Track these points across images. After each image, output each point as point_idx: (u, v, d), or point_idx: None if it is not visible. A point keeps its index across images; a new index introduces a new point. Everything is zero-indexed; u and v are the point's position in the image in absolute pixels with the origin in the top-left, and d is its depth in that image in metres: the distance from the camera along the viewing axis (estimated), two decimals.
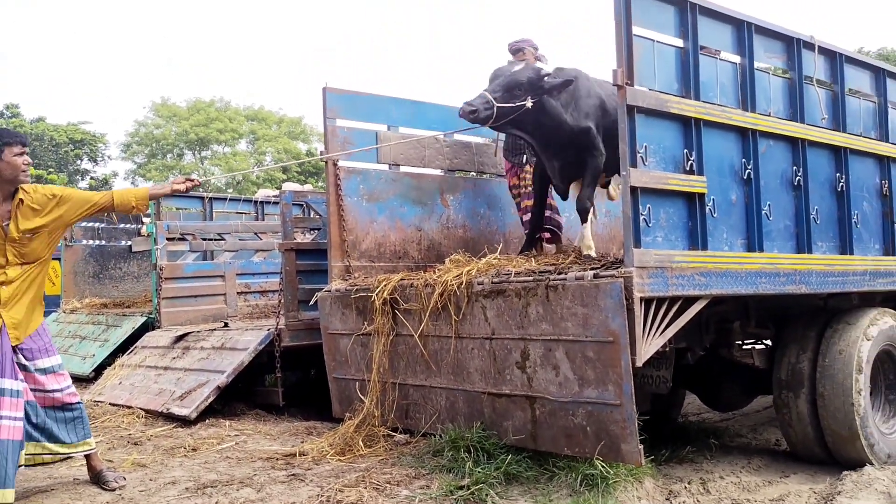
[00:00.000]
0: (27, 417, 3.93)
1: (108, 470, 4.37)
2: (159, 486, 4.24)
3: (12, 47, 56.21)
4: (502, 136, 6.32)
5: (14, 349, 3.94)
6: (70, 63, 59.74)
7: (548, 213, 6.06)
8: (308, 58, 64.61)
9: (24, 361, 3.99)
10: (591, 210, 5.47)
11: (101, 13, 63.02)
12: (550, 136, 5.23)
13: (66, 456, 4.23)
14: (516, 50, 5.94)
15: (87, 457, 4.34)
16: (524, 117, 5.03)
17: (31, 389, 4.00)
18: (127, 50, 61.68)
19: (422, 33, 67.42)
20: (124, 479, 4.31)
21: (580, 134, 5.19)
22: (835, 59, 5.17)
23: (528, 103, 4.99)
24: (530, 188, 6.01)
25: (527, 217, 6.06)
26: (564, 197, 5.72)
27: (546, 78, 5.04)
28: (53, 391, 4.09)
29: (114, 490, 4.15)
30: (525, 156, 6.05)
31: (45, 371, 4.07)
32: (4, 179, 3.95)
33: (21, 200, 3.99)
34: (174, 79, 59.41)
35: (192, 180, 4.58)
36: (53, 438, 4.10)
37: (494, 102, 4.94)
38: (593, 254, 5.14)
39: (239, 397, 6.66)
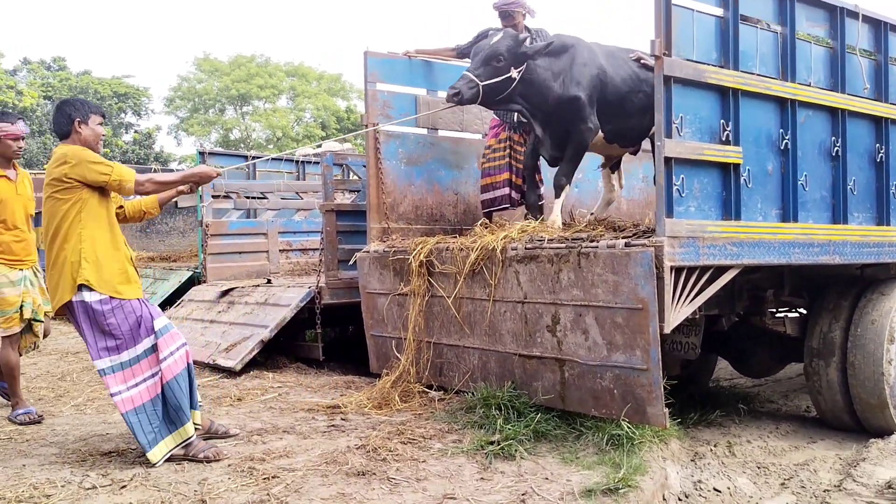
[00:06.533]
0: None
1: None
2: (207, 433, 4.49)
3: (60, 1, 56.85)
4: None
5: None
6: (115, 17, 60.28)
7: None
8: (347, 14, 64.13)
9: None
10: (566, 187, 5.32)
11: None
12: (539, 106, 5.16)
13: None
14: (505, 14, 5.68)
15: None
16: (514, 90, 4.99)
17: None
18: (170, 3, 61.94)
19: None
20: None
21: (568, 103, 5.13)
22: (879, 28, 5.07)
23: (514, 73, 4.95)
24: (506, 161, 5.87)
25: (487, 194, 5.93)
26: (553, 164, 5.54)
27: (525, 43, 5.00)
28: None
29: None
30: (516, 116, 5.86)
31: None
32: (89, 146, 4.04)
33: None
34: (216, 33, 59.67)
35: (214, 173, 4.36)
36: None
37: (478, 81, 4.90)
38: (558, 226, 5.07)
39: (281, 351, 6.92)
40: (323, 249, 6.74)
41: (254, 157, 10.23)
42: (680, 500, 4.01)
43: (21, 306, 4.89)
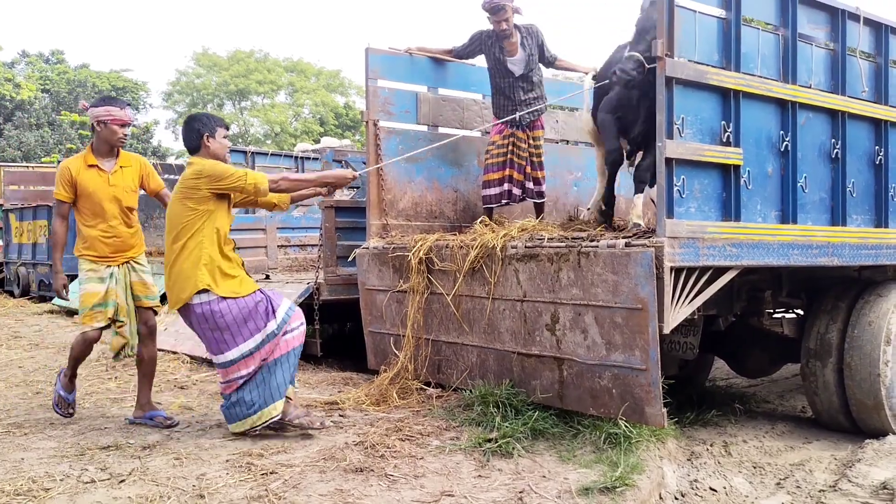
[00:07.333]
0: None
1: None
2: (205, 429, 4.51)
3: None
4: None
5: None
6: (114, 10, 60.16)
7: (530, 184, 5.98)
8: (347, 10, 64.04)
9: None
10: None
11: None
12: (645, 96, 4.70)
13: None
14: (495, 9, 5.63)
15: None
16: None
17: None
18: None
19: None
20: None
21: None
22: (879, 31, 5.08)
23: None
24: (507, 158, 5.87)
25: (488, 190, 5.93)
26: (628, 159, 5.31)
27: None
28: None
29: None
30: (518, 113, 5.85)
31: None
32: (218, 158, 4.31)
33: None
34: (215, 28, 59.51)
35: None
36: None
37: (646, 65, 4.45)
38: (643, 224, 4.81)
39: None
40: (322, 245, 6.74)
41: (253, 153, 10.20)
42: (676, 499, 4.03)
43: (106, 304, 4.60)
